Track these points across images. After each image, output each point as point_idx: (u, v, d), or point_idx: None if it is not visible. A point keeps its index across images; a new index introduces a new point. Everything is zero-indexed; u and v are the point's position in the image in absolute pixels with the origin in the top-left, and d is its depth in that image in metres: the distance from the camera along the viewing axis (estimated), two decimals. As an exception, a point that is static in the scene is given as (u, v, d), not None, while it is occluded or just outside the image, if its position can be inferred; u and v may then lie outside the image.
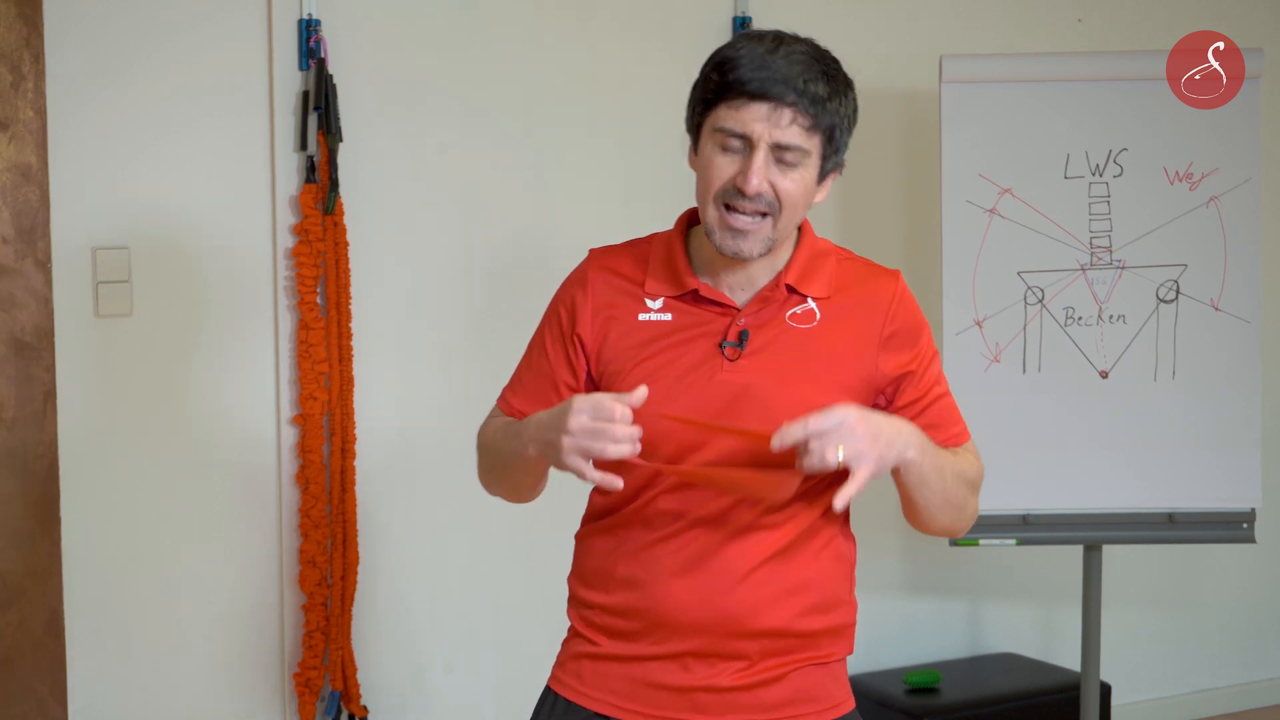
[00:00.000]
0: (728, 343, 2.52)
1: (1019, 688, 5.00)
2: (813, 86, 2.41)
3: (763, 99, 2.40)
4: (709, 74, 2.47)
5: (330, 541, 4.27)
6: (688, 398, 2.51)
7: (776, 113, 2.40)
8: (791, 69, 2.40)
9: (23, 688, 4.05)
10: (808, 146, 2.43)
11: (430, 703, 4.50)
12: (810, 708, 2.62)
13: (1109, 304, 4.38)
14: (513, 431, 2.58)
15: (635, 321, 2.57)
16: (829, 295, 2.56)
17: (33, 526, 4.03)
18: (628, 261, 2.64)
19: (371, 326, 4.32)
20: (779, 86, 2.39)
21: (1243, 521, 4.42)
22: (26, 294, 3.98)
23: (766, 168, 2.42)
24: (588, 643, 2.66)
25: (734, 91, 2.41)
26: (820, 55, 2.47)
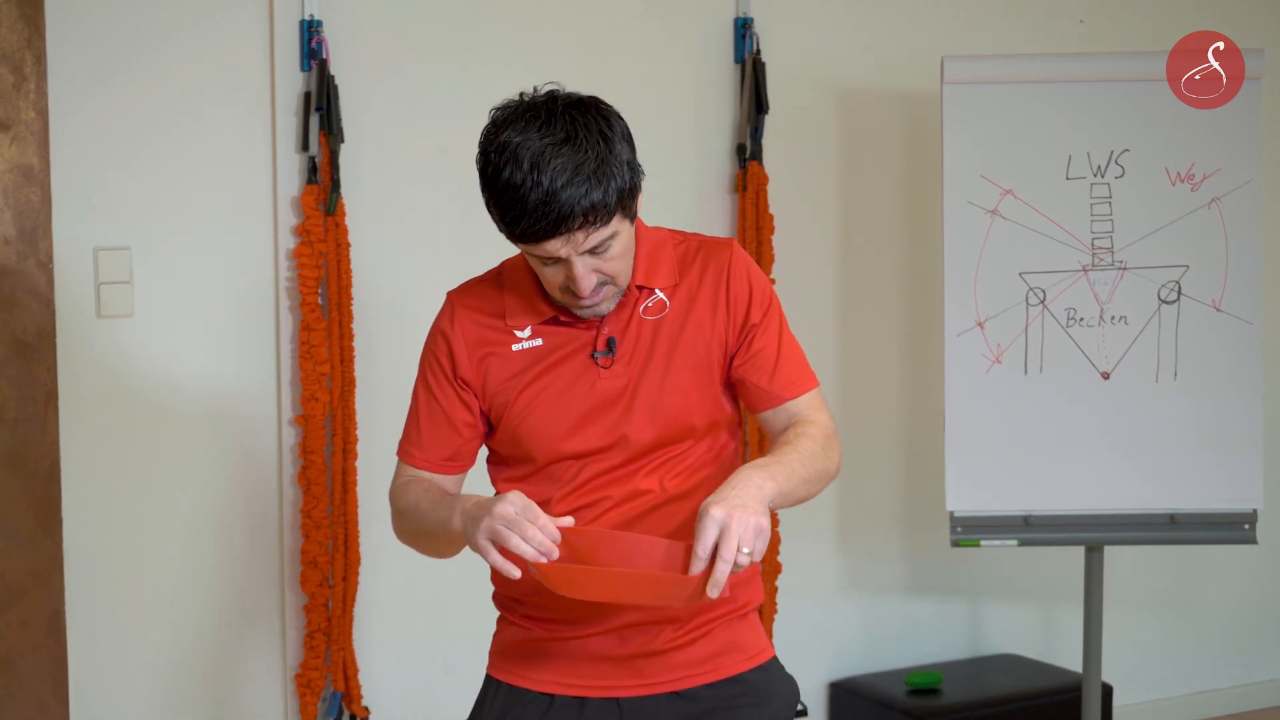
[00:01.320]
0: (599, 352, 2.65)
1: (1020, 689, 5.00)
2: (587, 198, 2.46)
3: (553, 236, 2.48)
4: (492, 211, 2.55)
5: (331, 542, 4.27)
6: (573, 412, 2.65)
7: (571, 238, 2.48)
8: (561, 201, 2.44)
9: (24, 688, 4.05)
10: (611, 230, 2.51)
11: (431, 703, 4.50)
12: (737, 656, 2.75)
13: (1110, 305, 4.38)
14: (444, 503, 2.65)
15: (510, 353, 2.68)
16: (676, 282, 2.68)
17: (34, 527, 4.03)
18: (486, 299, 2.74)
19: (373, 327, 4.33)
20: (560, 225, 2.46)
21: (1244, 522, 4.42)
22: (28, 294, 3.98)
23: (588, 265, 2.52)
24: (521, 630, 2.79)
25: (525, 240, 2.51)
26: (575, 142, 2.50)
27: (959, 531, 4.40)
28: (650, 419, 2.64)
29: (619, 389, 2.64)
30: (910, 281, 5.11)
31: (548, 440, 2.66)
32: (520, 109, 2.56)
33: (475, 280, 2.80)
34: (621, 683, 2.71)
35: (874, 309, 5.08)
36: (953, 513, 4.41)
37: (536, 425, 2.66)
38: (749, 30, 4.71)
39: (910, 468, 5.15)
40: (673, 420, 2.66)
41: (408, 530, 2.77)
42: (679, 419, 2.66)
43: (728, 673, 2.74)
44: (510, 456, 2.74)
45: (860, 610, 5.11)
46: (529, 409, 2.66)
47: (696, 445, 2.70)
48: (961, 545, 4.41)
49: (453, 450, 2.75)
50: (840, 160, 4.97)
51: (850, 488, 5.08)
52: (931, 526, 5.07)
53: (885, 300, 5.09)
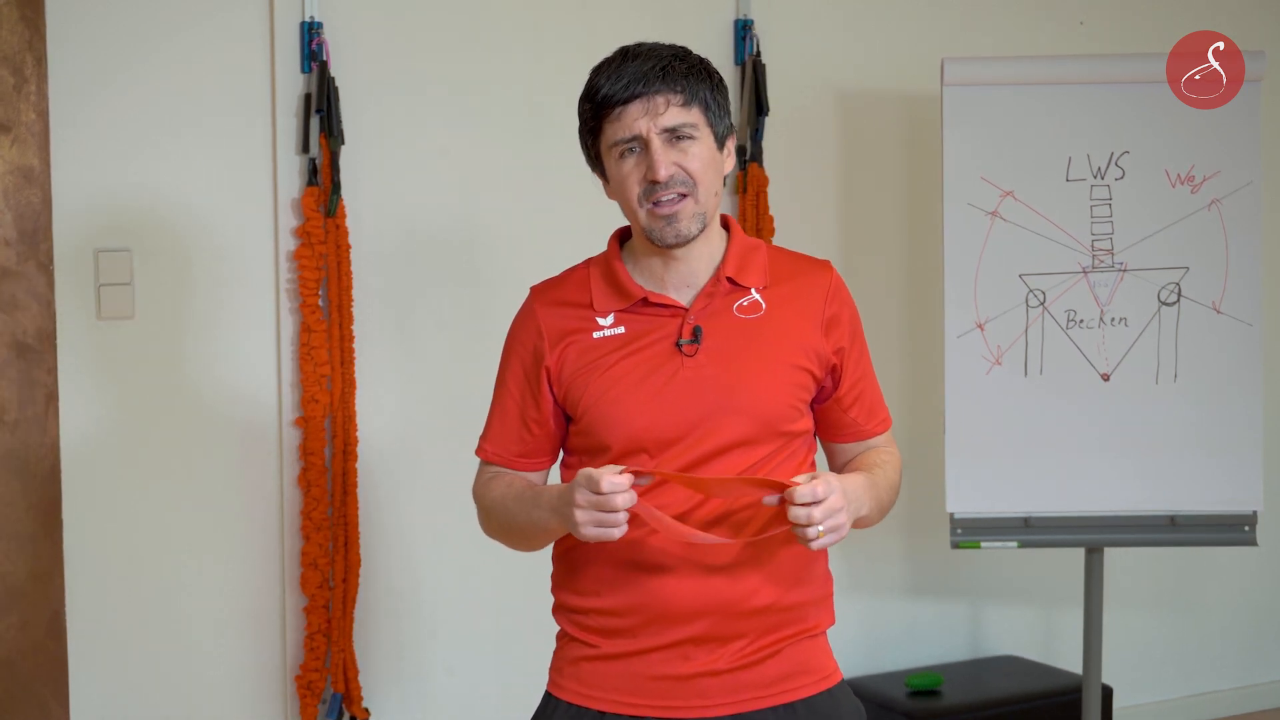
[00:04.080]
0: (684, 340, 2.64)
1: (1020, 690, 5.00)
2: (669, 68, 2.58)
3: (634, 99, 2.59)
4: (582, 109, 2.69)
5: (332, 544, 4.27)
6: (652, 398, 2.62)
7: (651, 103, 2.58)
8: (645, 64, 2.59)
9: (24, 690, 4.06)
10: (692, 119, 2.59)
11: (431, 705, 4.50)
12: (806, 679, 2.70)
13: (1110, 306, 4.38)
14: (528, 500, 2.67)
15: (591, 340, 2.68)
16: (768, 285, 2.69)
17: (35, 529, 4.03)
18: (569, 288, 2.76)
19: (373, 329, 4.33)
20: (640, 83, 2.58)
21: (1244, 524, 4.42)
22: (28, 296, 3.98)
23: (667, 152, 2.58)
24: (584, 645, 2.71)
25: (607, 106, 2.61)
26: (665, 47, 2.65)
27: (959, 533, 4.40)
28: (736, 411, 2.61)
29: (702, 379, 2.62)
30: (910, 283, 5.11)
31: (624, 425, 2.62)
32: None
33: (558, 275, 2.83)
34: (684, 703, 2.65)
35: (874, 310, 5.07)
36: (953, 514, 4.41)
37: (612, 407, 2.63)
38: (749, 32, 4.71)
39: (911, 469, 5.13)
40: (759, 417, 2.63)
41: (496, 527, 2.78)
42: (766, 417, 2.64)
43: (794, 696, 2.68)
44: (585, 447, 2.69)
45: (861, 612, 5.11)
46: (605, 392, 2.63)
47: (776, 454, 2.66)
48: (962, 547, 4.42)
49: (523, 448, 2.75)
50: (840, 162, 4.97)
51: (850, 489, 5.08)
52: (932, 528, 5.07)
53: (885, 302, 5.09)
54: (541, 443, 2.75)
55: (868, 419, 2.78)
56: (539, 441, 2.75)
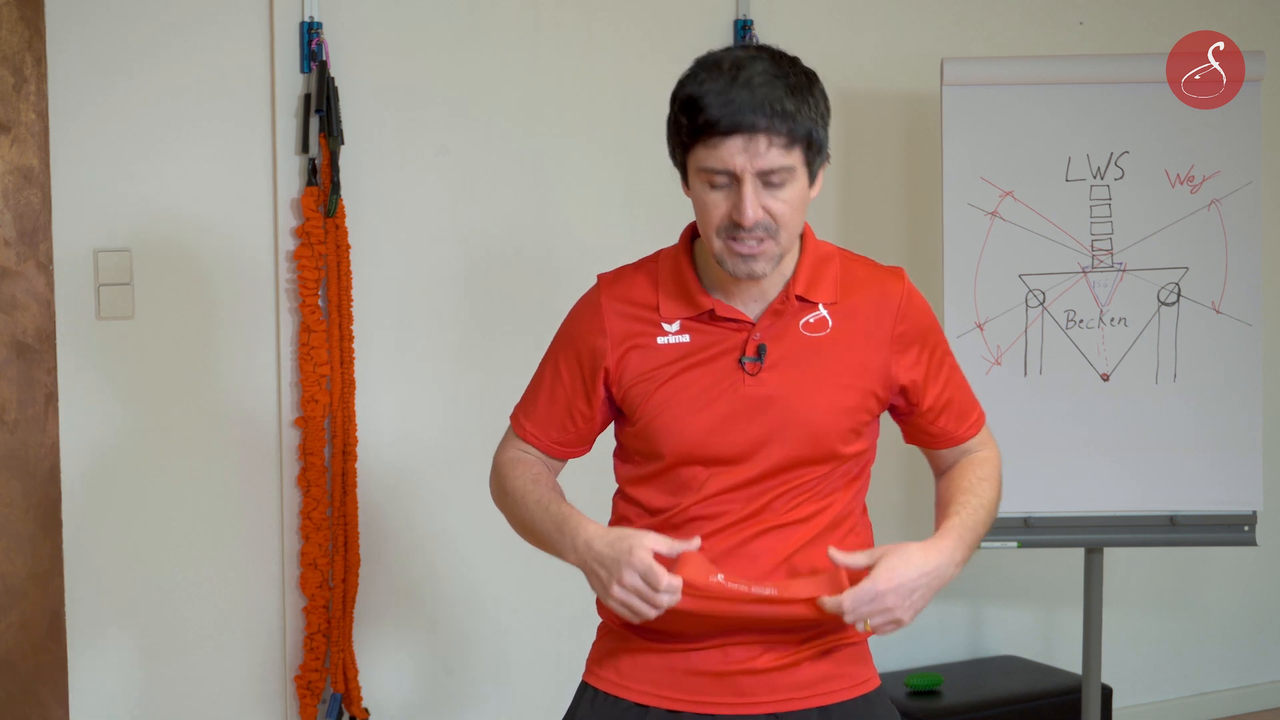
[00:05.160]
0: (747, 358, 2.58)
1: (1020, 690, 5.00)
2: (780, 105, 2.42)
3: (736, 133, 2.42)
4: (679, 117, 2.50)
5: (331, 544, 4.27)
6: (711, 413, 2.58)
7: (752, 142, 2.43)
8: (755, 95, 2.41)
9: (24, 690, 4.05)
10: (790, 163, 2.46)
11: (431, 705, 4.50)
12: (843, 683, 2.70)
13: (1110, 307, 4.38)
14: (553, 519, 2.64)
15: (655, 345, 2.62)
16: (837, 300, 2.62)
17: (34, 529, 4.03)
18: (638, 286, 2.67)
19: (373, 329, 4.33)
20: (748, 117, 2.41)
21: (1244, 524, 4.42)
22: (28, 296, 3.98)
23: (757, 196, 2.45)
24: (623, 639, 2.70)
25: (707, 132, 2.44)
26: (779, 64, 2.48)
27: (959, 533, 4.39)
28: (791, 434, 2.58)
29: (764, 397, 2.58)
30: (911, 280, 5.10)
31: (680, 439, 2.59)
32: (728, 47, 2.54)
33: (627, 267, 2.73)
34: (720, 699, 2.64)
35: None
36: (953, 514, 4.41)
37: (671, 423, 2.59)
38: (749, 32, 4.71)
39: (910, 469, 5.15)
40: (815, 440, 2.61)
41: (507, 511, 2.76)
42: (821, 441, 2.61)
43: (831, 699, 2.68)
44: (639, 451, 2.67)
45: (860, 611, 5.11)
46: (666, 405, 2.59)
47: (831, 474, 2.65)
48: (962, 547, 4.41)
49: (564, 436, 2.73)
50: (840, 162, 4.97)
51: (850, 489, 5.08)
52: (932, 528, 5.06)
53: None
54: (583, 434, 2.73)
55: (958, 425, 2.75)
56: (581, 433, 2.73)
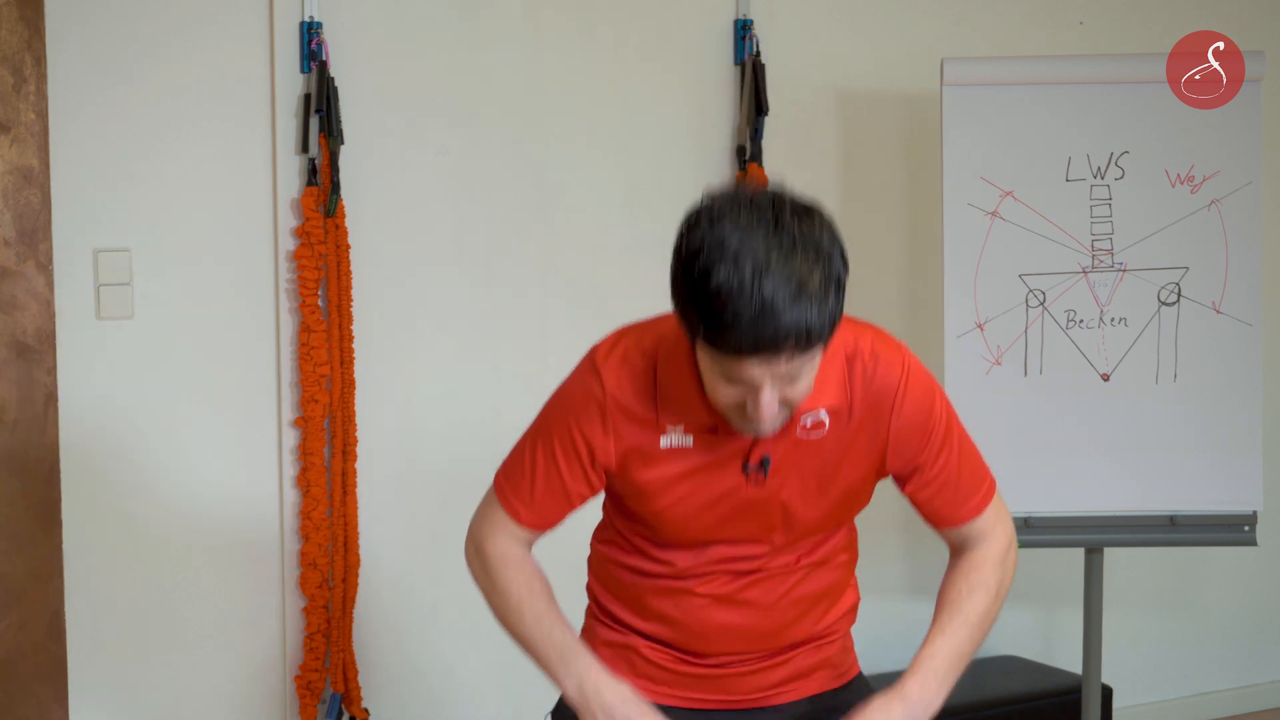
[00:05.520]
0: (751, 466, 2.52)
1: (1020, 690, 4.99)
2: (805, 325, 2.22)
3: (755, 355, 2.24)
4: (687, 309, 2.27)
5: (331, 544, 4.27)
6: (715, 514, 2.56)
7: (775, 360, 2.25)
8: (781, 321, 2.19)
9: (24, 690, 4.06)
10: (811, 357, 2.30)
11: (431, 705, 4.50)
12: (827, 674, 2.76)
13: (1110, 307, 4.38)
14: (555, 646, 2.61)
15: (658, 450, 2.52)
16: (838, 404, 2.51)
17: (34, 529, 4.03)
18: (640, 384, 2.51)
19: (373, 329, 4.33)
20: (770, 345, 2.22)
21: (1244, 524, 4.42)
22: (28, 296, 3.98)
23: (775, 393, 2.32)
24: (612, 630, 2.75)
25: (725, 348, 2.25)
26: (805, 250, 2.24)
27: (959, 533, 4.39)
28: (794, 527, 2.58)
29: (765, 499, 2.54)
30: (910, 283, 5.11)
31: (683, 533, 2.57)
32: (741, 202, 2.27)
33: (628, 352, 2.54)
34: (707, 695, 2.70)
35: (874, 310, 5.03)
36: (953, 514, 4.40)
37: (673, 521, 2.56)
38: (749, 32, 4.71)
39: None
40: (815, 528, 2.62)
41: (494, 606, 2.71)
42: (818, 529, 2.63)
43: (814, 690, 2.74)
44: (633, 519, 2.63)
45: (861, 612, 5.07)
46: (670, 507, 2.54)
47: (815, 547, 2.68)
48: (961, 547, 4.41)
49: (562, 516, 2.64)
50: (840, 162, 4.97)
51: (850, 489, 5.08)
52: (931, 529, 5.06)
53: (885, 301, 5.09)
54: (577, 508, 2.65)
55: (955, 509, 2.66)
56: (575, 508, 2.65)
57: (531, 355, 4.57)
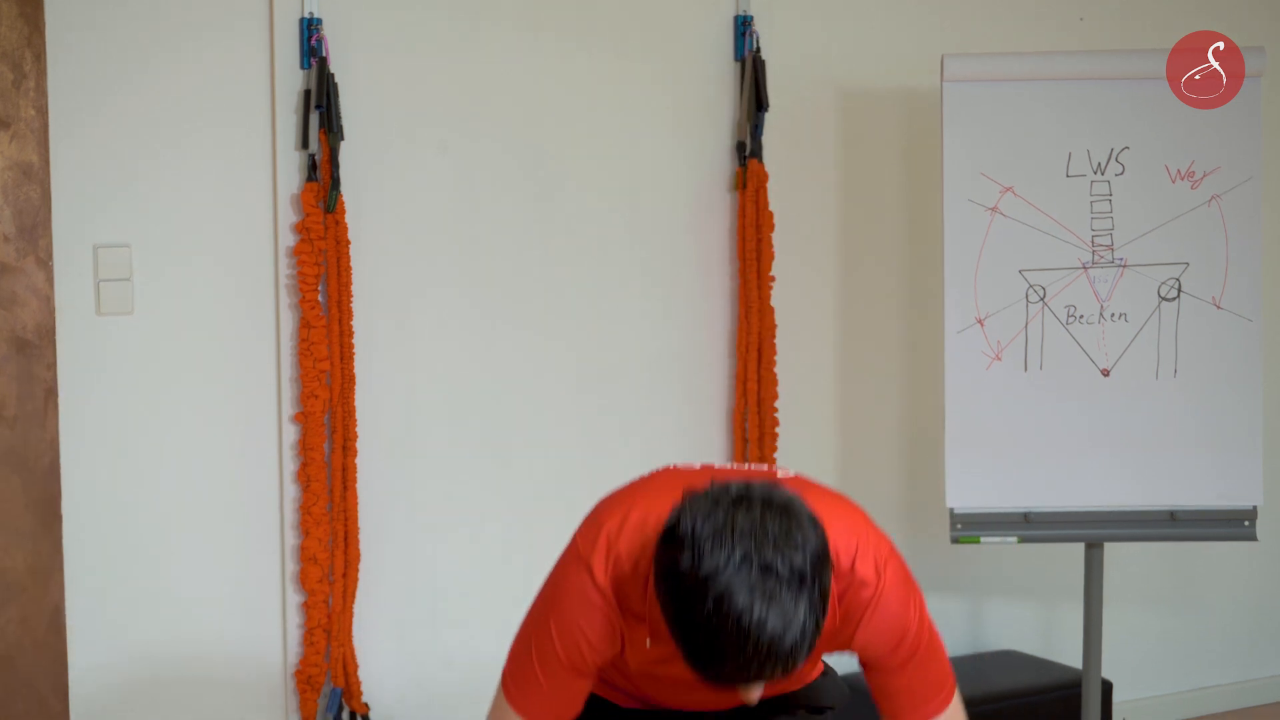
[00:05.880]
0: None
1: (1020, 685, 5.00)
2: (792, 657, 2.23)
3: (737, 684, 2.28)
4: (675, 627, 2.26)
5: (331, 539, 4.27)
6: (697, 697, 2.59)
7: (760, 684, 2.29)
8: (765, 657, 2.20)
9: (24, 685, 4.06)
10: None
11: (431, 698, 4.50)
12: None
13: (1110, 302, 4.38)
14: None
15: (643, 647, 2.52)
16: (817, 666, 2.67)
17: (34, 524, 4.03)
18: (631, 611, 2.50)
19: (373, 325, 4.33)
20: (756, 676, 2.24)
21: (1244, 519, 4.42)
22: (28, 292, 3.98)
23: (757, 692, 2.34)
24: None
25: (707, 676, 2.27)
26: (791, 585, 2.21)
27: (959, 528, 4.40)
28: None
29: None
30: (910, 278, 5.10)
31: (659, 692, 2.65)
32: (726, 526, 2.22)
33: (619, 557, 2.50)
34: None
35: (874, 306, 5.08)
36: (953, 509, 4.41)
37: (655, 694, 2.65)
38: (749, 28, 4.71)
39: (910, 464, 5.16)
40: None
41: None
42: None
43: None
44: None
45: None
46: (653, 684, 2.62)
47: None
48: (961, 542, 4.42)
49: (573, 711, 2.61)
50: (840, 157, 4.97)
51: (850, 485, 5.07)
52: (931, 523, 5.07)
53: (885, 297, 5.09)
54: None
55: (913, 711, 2.65)
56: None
57: (532, 351, 4.57)
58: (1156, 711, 5.60)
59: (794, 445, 4.91)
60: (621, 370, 4.70)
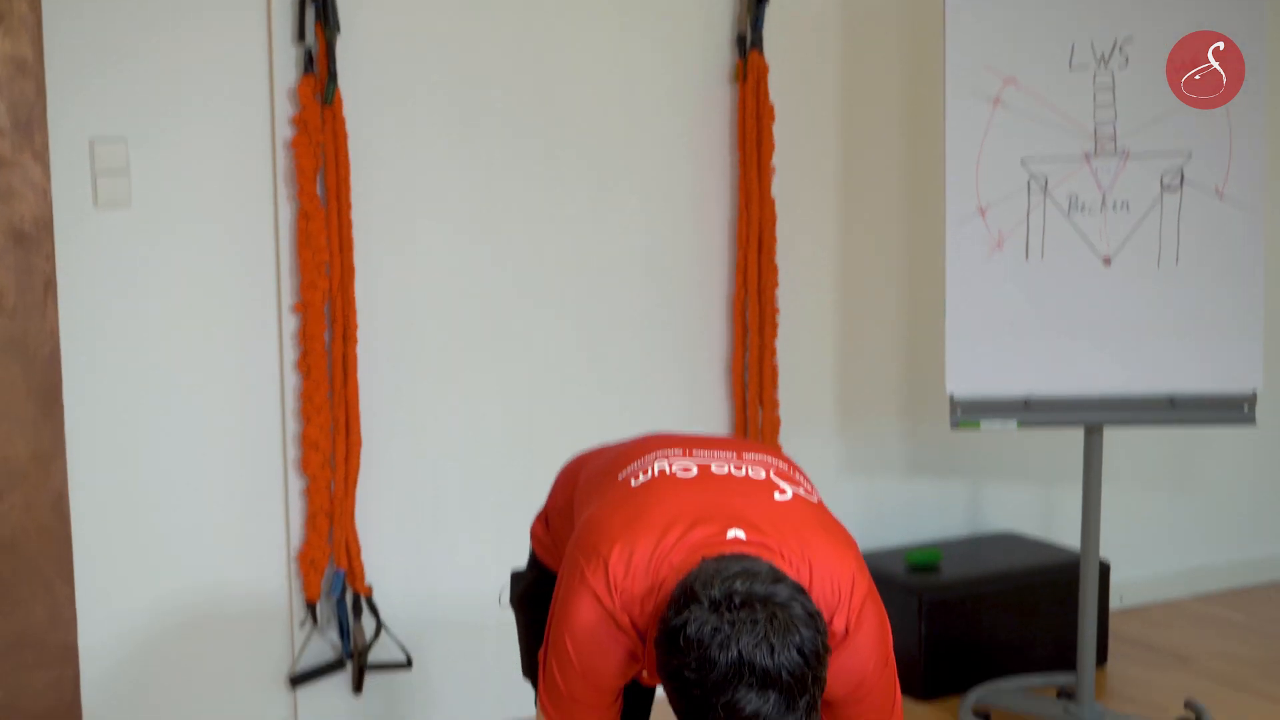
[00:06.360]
0: None
1: (1019, 565, 5.05)
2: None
3: None
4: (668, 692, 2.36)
5: (333, 426, 4.30)
6: None
7: None
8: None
9: (30, 569, 4.10)
10: None
11: (434, 581, 4.55)
12: None
13: (1113, 191, 4.35)
14: None
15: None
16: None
17: (35, 412, 4.06)
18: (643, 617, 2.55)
19: (372, 216, 4.32)
20: None
21: (1243, 404, 4.42)
22: (25, 185, 3.97)
23: None
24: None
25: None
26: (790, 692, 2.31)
27: (959, 414, 4.40)
28: None
29: None
30: (912, 168, 5.08)
31: None
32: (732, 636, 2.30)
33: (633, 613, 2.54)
34: None
35: (875, 196, 5.06)
36: (953, 395, 4.41)
37: None
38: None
39: (911, 351, 5.16)
40: None
41: None
42: None
43: None
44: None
45: (861, 491, 5.14)
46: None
47: None
48: (962, 427, 4.42)
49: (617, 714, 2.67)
50: (842, 49, 4.92)
51: (851, 371, 5.09)
52: (932, 409, 5.09)
53: (886, 187, 5.07)
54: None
55: None
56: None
57: (530, 239, 4.56)
58: (1154, 590, 5.66)
59: (794, 335, 4.92)
60: (621, 262, 4.69)
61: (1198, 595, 5.74)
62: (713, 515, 2.53)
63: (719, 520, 2.52)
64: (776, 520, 2.54)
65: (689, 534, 2.50)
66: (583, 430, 4.62)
